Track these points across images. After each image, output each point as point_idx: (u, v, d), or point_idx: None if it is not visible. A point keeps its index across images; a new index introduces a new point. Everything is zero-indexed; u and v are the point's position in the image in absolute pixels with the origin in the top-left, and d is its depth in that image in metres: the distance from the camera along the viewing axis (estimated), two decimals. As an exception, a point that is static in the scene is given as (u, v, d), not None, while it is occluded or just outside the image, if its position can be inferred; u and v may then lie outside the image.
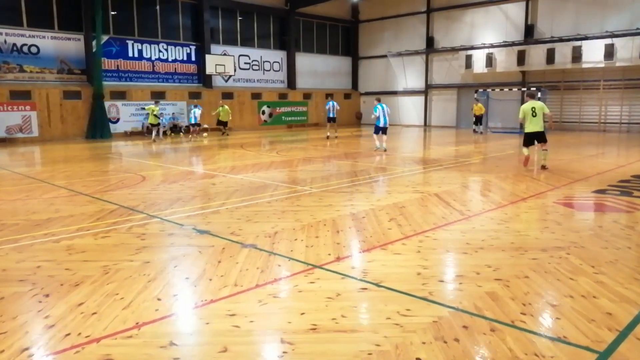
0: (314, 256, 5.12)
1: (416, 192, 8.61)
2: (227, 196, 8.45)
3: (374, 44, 34.24)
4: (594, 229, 6.07)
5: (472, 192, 8.63)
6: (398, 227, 6.25)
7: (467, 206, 7.47)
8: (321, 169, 11.80)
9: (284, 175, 10.82)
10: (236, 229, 6.26)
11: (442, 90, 31.17)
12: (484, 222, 6.52)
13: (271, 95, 30.13)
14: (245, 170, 11.67)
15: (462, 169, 11.55)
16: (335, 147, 17.80)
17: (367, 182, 9.84)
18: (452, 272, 4.64)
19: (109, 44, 23.37)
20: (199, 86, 26.83)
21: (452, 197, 8.14)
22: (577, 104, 25.52)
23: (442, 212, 7.06)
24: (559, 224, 6.36)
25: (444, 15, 30.35)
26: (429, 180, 10.03)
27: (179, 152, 16.73)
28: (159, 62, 25.19)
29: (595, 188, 8.91)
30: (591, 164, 12.28)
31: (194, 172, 11.44)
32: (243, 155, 15.35)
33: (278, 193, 8.70)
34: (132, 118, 23.80)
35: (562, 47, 24.74)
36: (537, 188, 8.94)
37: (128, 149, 18.27)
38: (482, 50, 27.94)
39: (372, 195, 8.44)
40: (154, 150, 17.16)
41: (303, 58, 32.17)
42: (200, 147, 18.27)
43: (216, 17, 27.59)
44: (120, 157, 14.97)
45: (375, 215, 6.91)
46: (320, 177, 10.46)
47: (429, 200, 7.90)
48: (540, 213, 7.01)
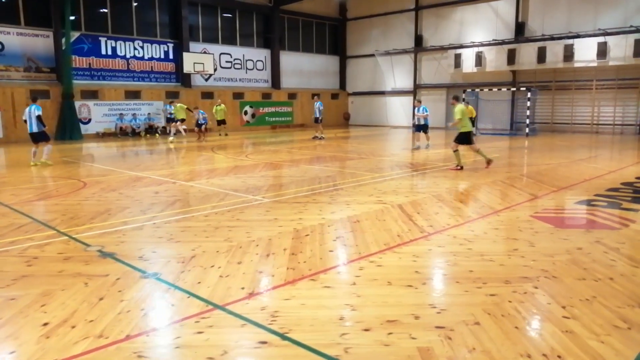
0: (223, 291, 4.14)
1: (378, 203, 7.64)
2: (163, 207, 7.46)
3: (362, 42, 33.29)
4: (572, 252, 5.10)
5: (441, 203, 7.66)
6: (341, 249, 5.28)
7: (430, 221, 6.50)
8: (284, 175, 10.83)
9: (240, 182, 9.84)
10: (149, 251, 5.27)
11: (431, 90, 30.23)
12: (444, 241, 5.55)
13: (254, 95, 29.13)
14: (200, 176, 10.68)
15: (438, 175, 10.58)
16: (312, 149, 16.82)
17: (328, 190, 8.87)
18: (384, 315, 3.67)
19: (80, 40, 22.34)
20: (177, 85, 25.81)
21: (417, 210, 7.17)
22: (569, 105, 24.62)
23: (399, 229, 6.08)
24: (531, 245, 5.40)
25: (433, 12, 29.43)
26: (398, 188, 9.06)
27: (143, 155, 15.71)
28: (134, 60, 24.16)
29: (580, 198, 7.96)
30: (579, 169, 11.34)
31: (143, 178, 10.44)
32: (209, 158, 14.35)
33: (223, 204, 7.72)
34: (104, 118, 22.77)
35: (554, 45, 23.83)
36: (515, 198, 7.98)
37: (93, 151, 17.26)
38: (472, 49, 27.00)
39: (328, 206, 7.46)
40: (119, 153, 16.14)
41: (288, 57, 31.18)
42: (170, 150, 17.26)
43: (196, 14, 26.58)
44: (78, 160, 13.95)
45: (321, 233, 5.93)
46: (279, 185, 9.48)
47: (389, 214, 6.93)
48: (511, 230, 6.05)
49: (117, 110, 23.08)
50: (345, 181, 9.86)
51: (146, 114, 24.03)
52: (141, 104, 23.98)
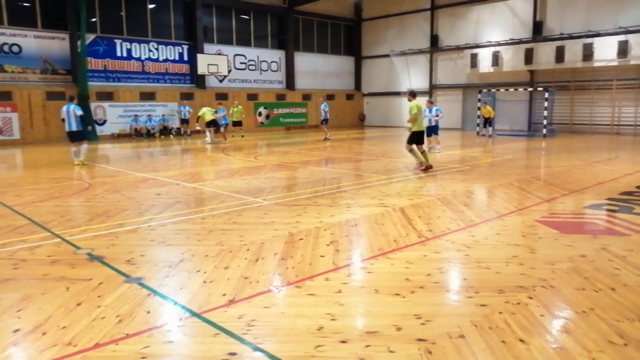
0: (203, 297, 4.02)
1: (380, 206, 7.45)
2: (161, 209, 7.39)
3: (377, 42, 33.03)
4: (575, 260, 4.86)
5: (445, 206, 7.45)
6: (333, 255, 5.11)
7: (430, 225, 6.29)
8: (290, 177, 10.70)
9: (244, 184, 9.74)
10: (138, 254, 5.19)
11: (447, 90, 29.83)
12: (441, 247, 5.35)
13: (268, 96, 29.11)
14: (205, 177, 10.62)
15: (446, 178, 10.34)
16: (322, 151, 16.67)
17: (331, 192, 8.71)
18: (365, 325, 3.50)
19: (95, 43, 22.58)
20: (192, 87, 25.92)
21: (418, 213, 6.96)
22: (589, 105, 23.99)
23: (396, 233, 5.90)
24: (532, 251, 5.16)
25: (449, 12, 29.03)
26: (402, 190, 8.86)
27: (154, 156, 15.75)
28: (149, 61, 24.33)
29: (591, 202, 7.66)
30: (594, 171, 10.97)
31: (149, 179, 10.42)
32: (218, 160, 14.32)
33: (222, 206, 7.62)
34: (119, 120, 22.97)
35: (572, 44, 23.26)
36: (522, 201, 7.72)
37: (106, 152, 17.38)
38: (488, 48, 26.54)
39: (327, 209, 7.30)
40: (130, 154, 16.22)
41: (303, 58, 31.10)
42: (180, 151, 17.30)
43: (210, 15, 26.66)
44: (89, 161, 14.02)
45: (316, 237, 5.78)
46: (282, 187, 9.35)
47: (389, 217, 6.74)
48: (514, 236, 5.81)
49: (132, 111, 23.27)
50: (350, 183, 9.69)
51: (160, 116, 24.17)
52: (156, 106, 24.14)
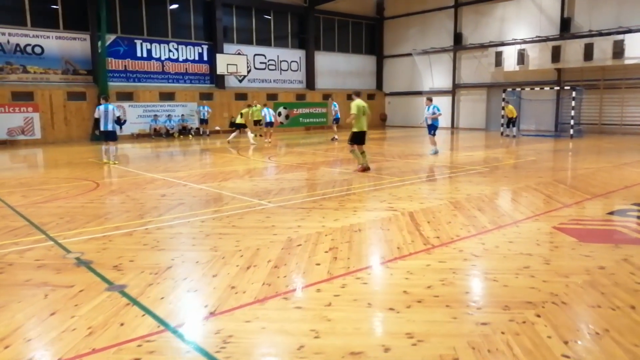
0: (183, 309, 3.78)
1: (388, 210, 7.11)
2: (162, 212, 7.21)
3: (399, 41, 32.52)
4: (592, 272, 4.45)
5: (457, 211, 7.06)
6: (330, 263, 4.81)
7: (438, 231, 5.93)
8: (300, 178, 10.42)
9: (252, 185, 9.51)
10: (127, 259, 4.98)
11: (471, 90, 29.15)
12: (447, 256, 5.00)
13: (288, 96, 28.92)
14: (214, 178, 10.43)
15: (462, 180, 9.92)
16: (338, 151, 16.35)
17: (340, 195, 8.40)
18: (350, 345, 3.19)
19: (116, 43, 22.75)
20: (211, 87, 25.92)
21: (428, 218, 6.60)
22: (619, 105, 23.06)
23: (401, 240, 5.56)
24: (546, 262, 4.76)
25: (473, 9, 28.35)
26: (415, 193, 8.49)
27: (169, 156, 15.68)
28: (168, 62, 24.41)
29: (614, 207, 7.17)
30: (621, 174, 10.38)
31: (157, 180, 10.29)
32: (231, 160, 14.15)
33: (226, 208, 7.40)
34: (139, 120, 23.09)
35: (602, 41, 22.38)
36: (540, 206, 7.27)
37: (123, 152, 17.40)
38: (514, 46, 25.79)
39: (332, 213, 7.00)
40: (146, 154, 16.20)
41: (323, 57, 30.82)
42: (195, 151, 17.22)
43: (230, 15, 26.62)
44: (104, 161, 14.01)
45: (315, 243, 5.49)
46: (290, 188, 9.08)
47: (396, 222, 6.40)
48: (528, 244, 5.40)
49: (151, 111, 23.38)
50: (361, 185, 9.36)
51: (180, 116, 24.22)
52: (175, 106, 24.21)
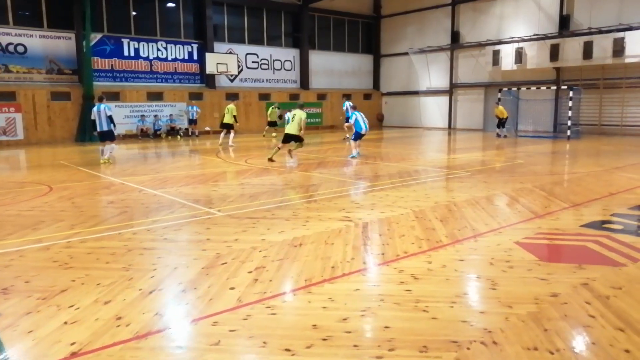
0: (45, 347, 3.21)
1: (343, 220, 6.53)
2: (100, 221, 6.66)
3: (396, 40, 31.84)
4: (542, 301, 3.84)
5: (417, 221, 6.46)
6: (247, 287, 4.23)
7: (386, 247, 5.34)
8: (268, 183, 9.83)
9: (211, 191, 8.95)
10: (24, 279, 4.46)
11: (468, 89, 28.43)
12: (384, 278, 4.42)
13: (281, 96, 28.33)
14: (176, 182, 9.87)
15: (437, 186, 9.31)
16: (322, 153, 15.77)
17: (300, 202, 7.82)
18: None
19: (102, 42, 22.29)
20: (201, 86, 25.41)
21: (382, 230, 6.01)
22: (619, 105, 22.27)
23: (340, 257, 4.97)
24: (493, 286, 4.16)
25: (471, 7, 27.63)
26: (380, 201, 7.88)
27: (144, 159, 15.16)
28: (157, 61, 23.92)
29: (591, 219, 6.52)
30: (610, 180, 9.71)
31: (116, 184, 9.76)
32: (205, 163, 13.60)
33: (168, 218, 6.84)
34: (125, 120, 22.59)
35: (602, 39, 21.60)
36: (509, 217, 6.64)
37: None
38: (511, 45, 25.04)
39: (280, 224, 6.42)
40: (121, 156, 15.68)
41: (318, 56, 30.21)
42: (175, 152, 16.69)
43: (221, 14, 26.09)
44: (73, 163, 13.51)
45: (243, 261, 4.91)
46: (249, 195, 8.50)
47: (345, 235, 5.82)
48: (480, 263, 4.79)
49: (138, 112, 22.89)
50: (328, 191, 8.76)
51: (168, 116, 23.72)
52: (163, 106, 23.72)
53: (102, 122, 12.81)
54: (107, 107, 12.94)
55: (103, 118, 12.77)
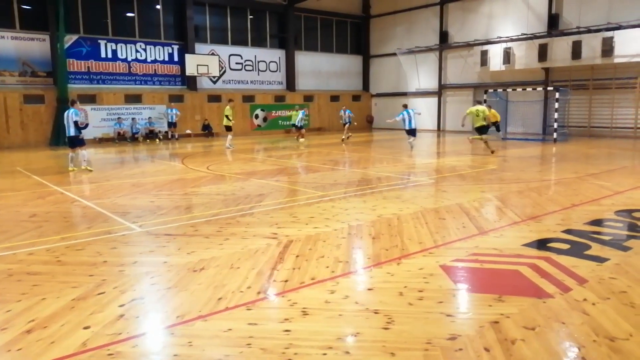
0: None
1: (266, 238, 5.97)
2: (4, 239, 6.11)
3: (386, 40, 31.27)
4: (435, 346, 3.25)
5: (348, 238, 5.90)
6: (106, 326, 3.67)
7: (293, 272, 4.76)
8: (213, 192, 9.27)
9: (147, 202, 8.39)
10: None
11: (457, 90, 27.84)
12: (264, 315, 3.86)
13: (266, 98, 27.82)
14: (118, 192, 9.32)
15: (391, 195, 8.71)
16: (293, 158, 15.20)
17: (234, 215, 7.25)
18: None
19: (78, 44, 21.81)
20: (182, 88, 24.90)
21: (303, 250, 5.44)
22: (609, 106, 21.63)
23: (235, 287, 4.41)
24: (386, 325, 3.58)
25: (459, 6, 27.05)
26: (322, 213, 7.31)
27: (105, 165, 14.63)
28: (135, 62, 23.42)
29: (539, 236, 5.93)
30: (578, 188, 9.09)
31: (55, 193, 9.22)
32: (162, 170, 13.04)
33: (82, 234, 6.29)
34: (102, 123, 22.13)
35: (591, 39, 20.98)
36: (449, 234, 6.05)
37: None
38: (499, 45, 24.42)
39: (197, 242, 5.86)
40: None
41: (305, 57, 29.67)
42: (143, 157, 16.16)
43: (203, 14, 25.58)
44: (30, 171, 12.99)
45: (125, 290, 4.35)
46: (185, 207, 7.95)
47: (258, 257, 5.25)
48: (389, 293, 4.21)
49: (115, 114, 22.39)
50: (273, 202, 8.19)
51: (147, 119, 23.20)
52: (142, 108, 23.22)
53: (70, 126, 12.29)
54: (75, 112, 12.36)
55: (70, 123, 12.25)
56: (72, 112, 12.33)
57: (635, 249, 5.32)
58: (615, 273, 4.60)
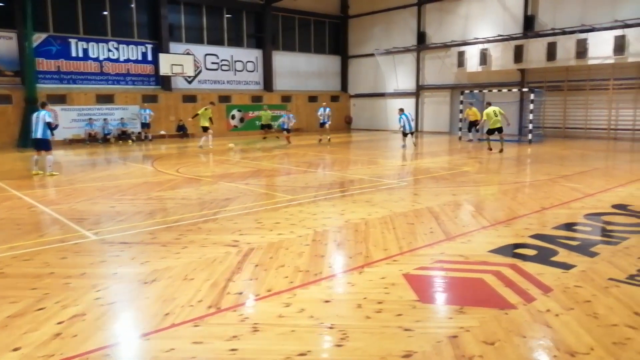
0: None
1: (227, 246, 5.72)
2: (-55, 249, 5.76)
3: (364, 41, 31.15)
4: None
5: (308, 247, 5.69)
6: (37, 347, 3.40)
7: (250, 284, 4.54)
8: (179, 197, 8.97)
9: (108, 207, 8.07)
10: None
11: (435, 91, 27.86)
12: (210, 332, 3.61)
13: (243, 98, 27.46)
14: (79, 196, 8.97)
15: (360, 199, 8.53)
16: (266, 160, 14.95)
17: (196, 221, 6.98)
18: None
19: (47, 42, 21.20)
20: (156, 88, 24.41)
21: (264, 259, 5.22)
22: (583, 107, 21.84)
23: (184, 299, 4.17)
24: (340, 342, 3.38)
25: (437, 7, 27.06)
26: (288, 219, 7.09)
27: (74, 167, 14.19)
28: (108, 62, 22.87)
29: (506, 241, 5.80)
30: (549, 191, 9.04)
31: (12, 197, 8.82)
32: (130, 172, 12.66)
33: (26, 244, 5.96)
34: (73, 124, 21.52)
35: (565, 40, 21.13)
36: (416, 240, 5.89)
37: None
38: (476, 46, 24.49)
39: (154, 251, 5.59)
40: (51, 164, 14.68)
41: (283, 57, 29.39)
42: (113, 159, 15.73)
43: (177, 13, 25.12)
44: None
45: (66, 305, 4.08)
46: (147, 212, 7.65)
47: (213, 267, 5.01)
48: (344, 307, 4.01)
49: (86, 115, 21.82)
50: (239, 207, 7.94)
51: (119, 119, 22.67)
52: (114, 109, 22.68)
53: (38, 128, 11.76)
54: (47, 113, 11.95)
55: (40, 124, 11.73)
56: (45, 114, 11.87)
57: (602, 255, 5.21)
58: (580, 281, 4.48)
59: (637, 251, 5.34)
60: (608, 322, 3.63)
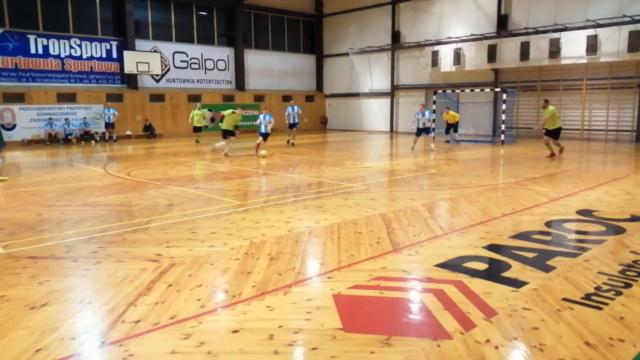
0: None
1: (147, 260, 5.09)
2: None
3: (339, 40, 30.66)
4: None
5: (237, 261, 5.10)
6: None
7: (152, 309, 3.92)
8: (116, 203, 8.29)
9: (34, 215, 7.37)
10: None
11: (409, 91, 27.48)
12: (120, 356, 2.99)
13: (214, 98, 26.71)
14: (7, 202, 8.23)
15: (313, 204, 7.96)
16: (230, 162, 14.30)
17: (123, 232, 6.33)
18: None
19: (4, 38, 20.25)
20: (122, 87, 23.55)
21: (180, 277, 4.61)
22: (556, 107, 21.50)
23: (67, 332, 3.53)
24: (229, 389, 2.78)
25: (411, 6, 26.69)
26: (226, 228, 6.49)
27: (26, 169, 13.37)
28: (70, 59, 21.97)
29: (457, 253, 5.27)
30: (515, 194, 8.57)
31: None
32: (76, 176, 11.90)
33: None
34: (32, 124, 20.59)
35: (538, 40, 20.89)
36: (359, 252, 5.33)
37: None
38: (450, 45, 24.14)
39: (58, 268, 4.95)
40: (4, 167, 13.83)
41: (255, 56, 28.73)
42: (68, 161, 14.92)
43: (144, 9, 24.29)
44: None
45: None
46: (75, 221, 6.96)
47: (118, 288, 4.38)
48: (251, 340, 3.42)
49: (47, 114, 20.89)
50: (178, 214, 7.30)
51: (81, 119, 21.77)
52: (76, 108, 21.78)
53: None
54: None
55: None
56: None
57: (559, 269, 4.71)
58: (530, 302, 3.96)
59: (598, 264, 4.86)
60: (554, 356, 3.11)
